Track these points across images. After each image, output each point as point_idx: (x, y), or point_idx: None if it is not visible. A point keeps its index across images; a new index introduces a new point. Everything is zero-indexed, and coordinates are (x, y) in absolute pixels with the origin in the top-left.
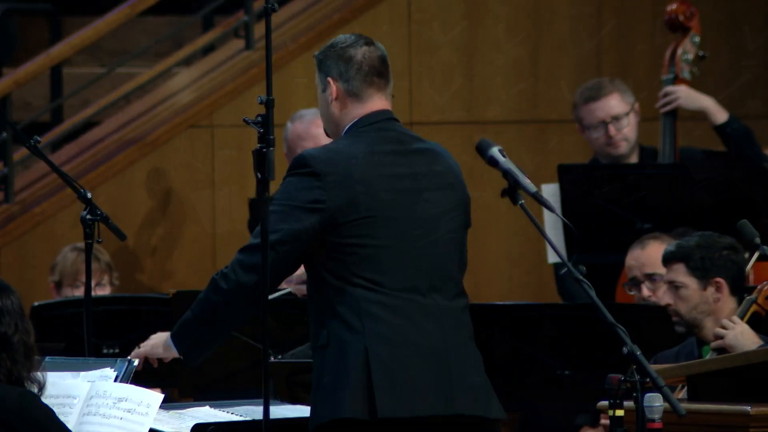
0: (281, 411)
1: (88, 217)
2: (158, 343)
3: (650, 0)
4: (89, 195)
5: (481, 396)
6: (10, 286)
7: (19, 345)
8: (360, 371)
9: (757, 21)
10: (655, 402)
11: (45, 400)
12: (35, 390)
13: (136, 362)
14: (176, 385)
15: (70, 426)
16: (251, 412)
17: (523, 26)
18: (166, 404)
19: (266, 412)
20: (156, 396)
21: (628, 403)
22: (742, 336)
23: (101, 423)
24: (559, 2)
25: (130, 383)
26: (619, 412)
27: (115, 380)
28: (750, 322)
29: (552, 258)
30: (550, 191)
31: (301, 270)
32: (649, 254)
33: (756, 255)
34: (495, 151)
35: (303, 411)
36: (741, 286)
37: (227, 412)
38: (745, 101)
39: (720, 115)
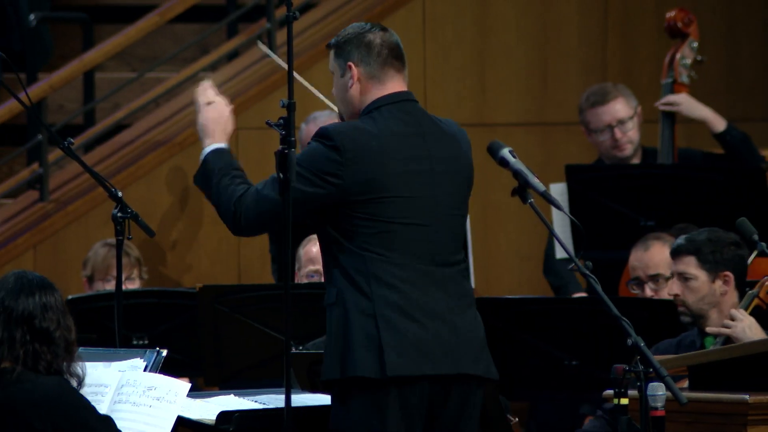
0: (302, 399)
1: (119, 214)
2: (204, 132)
3: (653, 9)
4: (120, 194)
5: (481, 357)
6: (54, 284)
7: (60, 340)
8: (369, 332)
9: (754, 26)
10: (658, 391)
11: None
12: (75, 383)
13: (164, 352)
14: (203, 374)
15: (101, 411)
16: (273, 400)
17: (533, 33)
18: (193, 393)
19: (288, 400)
20: (183, 385)
21: (633, 392)
22: (750, 329)
23: (132, 411)
24: (566, 11)
25: (159, 372)
26: (624, 401)
27: (145, 370)
28: (751, 315)
29: (560, 254)
30: (558, 190)
31: None
32: (652, 255)
33: (755, 252)
34: (505, 152)
35: (323, 399)
36: (743, 281)
37: (251, 400)
38: (743, 104)
39: (719, 124)
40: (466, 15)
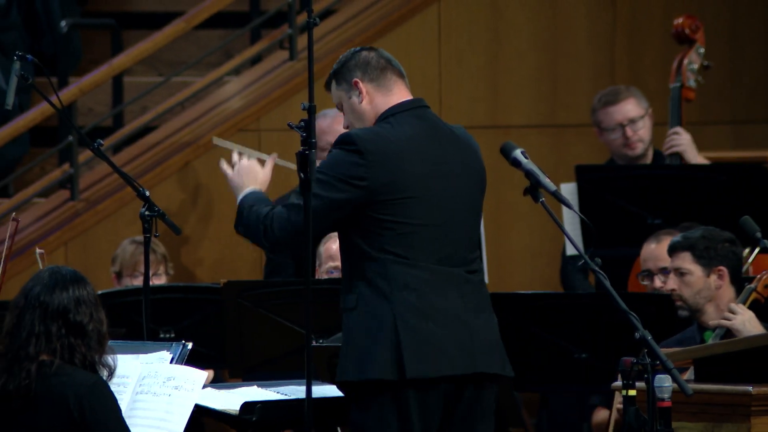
0: (322, 390)
1: (147, 213)
2: (237, 187)
3: (660, 15)
4: (147, 193)
5: (496, 356)
6: (86, 278)
7: (93, 333)
8: (389, 335)
9: (757, 30)
10: (664, 383)
11: None
12: (105, 373)
13: (190, 345)
14: (227, 366)
15: (124, 403)
16: (295, 391)
17: (543, 39)
18: (218, 384)
19: (309, 391)
20: (200, 374)
21: (640, 384)
22: (748, 323)
23: (152, 400)
24: (576, 17)
25: (185, 365)
26: (632, 392)
27: (171, 362)
28: (750, 308)
29: (570, 251)
30: (569, 190)
31: None
32: (663, 249)
33: (757, 249)
34: (518, 153)
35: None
36: (739, 276)
37: (273, 391)
38: (746, 107)
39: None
40: (479, 21)
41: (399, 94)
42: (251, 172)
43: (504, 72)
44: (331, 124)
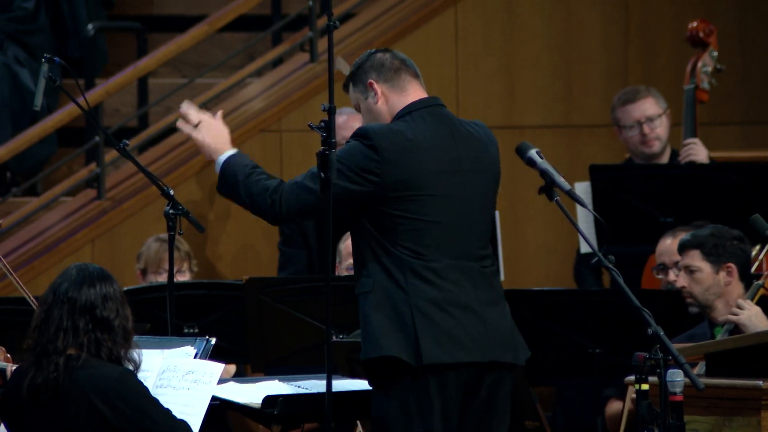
0: (342, 384)
1: (171, 211)
2: (211, 149)
3: (671, 19)
4: (172, 192)
5: (509, 345)
6: (112, 275)
7: (119, 328)
8: (406, 322)
9: (766, 34)
10: (676, 377)
11: None
12: (131, 368)
13: (213, 340)
14: (249, 361)
15: None
16: (315, 385)
17: (558, 41)
18: (241, 378)
19: (329, 385)
20: (217, 366)
21: (653, 378)
22: (756, 318)
23: (172, 394)
24: (590, 21)
25: (209, 359)
26: (645, 386)
27: (195, 357)
28: (758, 304)
29: (584, 248)
30: (583, 189)
31: None
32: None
33: (767, 246)
34: (533, 152)
35: (362, 384)
36: (748, 273)
37: (294, 385)
38: (756, 108)
39: None
40: (495, 25)
41: (414, 93)
42: (222, 132)
43: (519, 74)
44: (347, 121)
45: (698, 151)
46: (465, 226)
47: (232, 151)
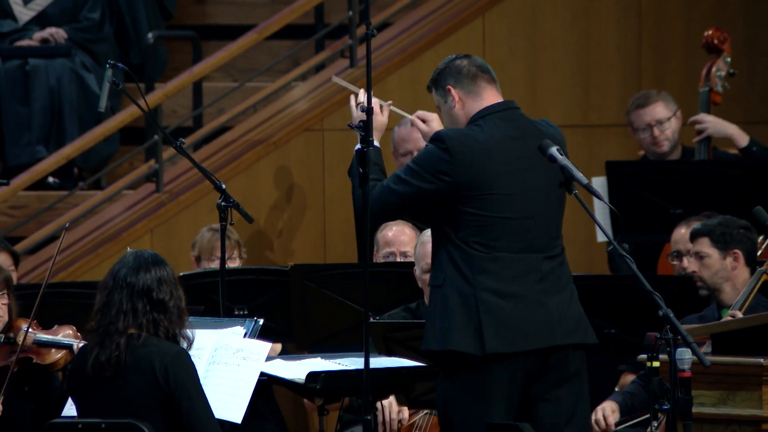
0: (379, 362)
1: (223, 203)
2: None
3: (681, 27)
4: (224, 186)
5: (577, 329)
6: (165, 260)
7: (174, 308)
8: (471, 313)
9: None
10: (685, 355)
11: None
12: (185, 345)
13: (261, 321)
14: (293, 340)
15: (200, 370)
16: (354, 362)
17: (577, 48)
18: (286, 356)
19: (367, 362)
20: (265, 345)
21: (663, 356)
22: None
23: (224, 369)
24: (607, 29)
25: (257, 338)
26: (656, 364)
27: (245, 336)
28: (759, 290)
29: (600, 238)
30: (599, 183)
31: None
32: None
33: None
34: (554, 150)
35: (397, 362)
36: (753, 260)
37: (335, 362)
38: (760, 108)
39: (743, 139)
40: (519, 33)
41: (489, 98)
42: (378, 122)
43: (541, 78)
44: (410, 133)
45: (704, 126)
46: (532, 221)
47: (376, 143)
